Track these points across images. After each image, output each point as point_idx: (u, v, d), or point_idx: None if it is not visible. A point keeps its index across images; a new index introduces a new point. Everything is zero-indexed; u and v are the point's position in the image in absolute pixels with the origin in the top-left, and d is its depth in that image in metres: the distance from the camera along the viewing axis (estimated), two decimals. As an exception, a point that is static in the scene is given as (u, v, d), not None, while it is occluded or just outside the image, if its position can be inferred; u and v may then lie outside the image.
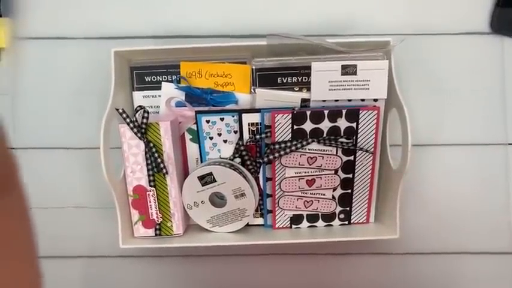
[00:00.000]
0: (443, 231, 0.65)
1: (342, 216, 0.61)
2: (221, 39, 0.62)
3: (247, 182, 0.57)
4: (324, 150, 0.57)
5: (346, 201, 0.60)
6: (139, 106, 0.57)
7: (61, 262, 0.66)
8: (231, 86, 0.58)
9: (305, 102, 0.57)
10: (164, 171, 0.56)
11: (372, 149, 0.58)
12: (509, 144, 0.63)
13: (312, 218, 0.61)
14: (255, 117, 0.57)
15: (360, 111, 0.55)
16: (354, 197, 0.60)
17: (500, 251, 0.65)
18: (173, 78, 0.59)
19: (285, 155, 0.56)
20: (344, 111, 0.55)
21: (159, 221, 0.59)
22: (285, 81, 0.56)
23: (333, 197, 0.60)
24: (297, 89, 0.57)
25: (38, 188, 0.65)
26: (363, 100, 0.56)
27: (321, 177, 0.58)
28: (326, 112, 0.55)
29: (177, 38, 0.63)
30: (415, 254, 0.65)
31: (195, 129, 0.59)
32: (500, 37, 0.62)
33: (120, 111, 0.55)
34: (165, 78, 0.59)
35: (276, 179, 0.58)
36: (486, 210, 0.64)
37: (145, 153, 0.56)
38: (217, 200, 0.59)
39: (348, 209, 0.61)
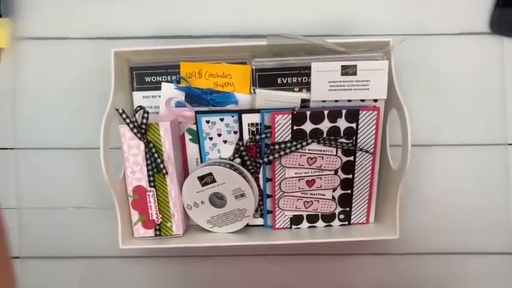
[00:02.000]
0: (443, 231, 0.64)
1: (341, 216, 0.61)
2: (221, 40, 0.62)
3: (247, 182, 0.57)
4: (323, 151, 0.57)
5: (346, 201, 0.60)
6: (139, 106, 0.57)
7: (61, 262, 0.66)
8: (231, 87, 0.58)
9: (305, 102, 0.57)
10: (164, 171, 0.56)
11: (372, 150, 0.58)
12: (509, 144, 0.63)
13: (312, 219, 0.61)
14: (255, 118, 0.57)
15: (360, 112, 0.55)
16: (353, 197, 0.60)
17: (501, 251, 0.65)
18: (173, 78, 0.59)
19: (285, 156, 0.56)
20: (344, 112, 0.55)
21: (159, 221, 0.59)
22: (284, 81, 0.56)
23: (333, 198, 0.60)
24: (297, 89, 0.57)
25: (38, 188, 0.65)
26: (362, 100, 0.56)
27: (320, 178, 0.58)
28: (326, 112, 0.55)
29: (177, 39, 0.63)
30: (415, 254, 0.65)
31: (195, 129, 0.59)
32: (500, 37, 0.62)
33: (120, 111, 0.54)
34: (164, 78, 0.59)
35: (276, 180, 0.58)
36: (486, 210, 0.64)
37: (145, 153, 0.56)
38: (217, 200, 0.59)
39: (347, 209, 0.61)
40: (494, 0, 0.61)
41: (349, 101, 0.56)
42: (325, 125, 0.56)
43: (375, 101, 0.56)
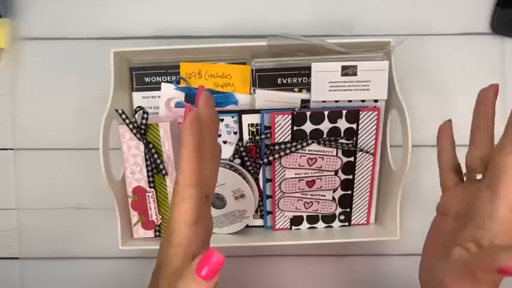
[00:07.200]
0: (444, 232, 0.64)
1: (342, 217, 0.61)
2: (221, 40, 0.62)
3: (247, 183, 0.57)
4: (324, 151, 0.57)
5: (346, 202, 0.60)
6: (139, 107, 0.57)
7: (60, 263, 0.65)
8: (231, 87, 0.58)
9: (305, 103, 0.57)
10: (164, 172, 0.56)
11: (372, 150, 0.57)
12: (510, 145, 0.63)
13: (312, 219, 0.61)
14: (255, 118, 0.57)
15: (360, 112, 0.55)
16: (354, 198, 0.60)
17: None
18: (173, 78, 0.59)
19: (285, 156, 0.56)
20: (344, 112, 0.55)
21: (159, 222, 0.59)
22: (284, 82, 0.56)
23: (333, 198, 0.60)
24: (297, 89, 0.57)
25: (38, 188, 0.64)
26: (363, 101, 0.56)
27: (321, 179, 0.58)
28: (326, 113, 0.55)
29: (177, 39, 0.63)
30: (415, 255, 0.65)
31: (195, 130, 0.59)
32: (501, 37, 0.62)
33: (120, 111, 0.54)
34: (164, 78, 0.59)
35: (276, 180, 0.58)
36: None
37: (145, 154, 0.56)
38: (217, 201, 0.59)
39: (348, 210, 0.61)
40: (495, 1, 0.61)
41: (350, 101, 0.56)
42: (325, 126, 0.55)
43: (375, 101, 0.56)
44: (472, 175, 0.39)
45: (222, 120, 0.58)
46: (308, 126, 0.55)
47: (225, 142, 0.59)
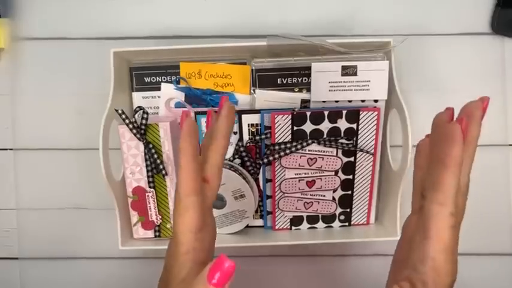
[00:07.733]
0: (444, 232, 0.64)
1: (342, 217, 0.61)
2: (221, 40, 0.62)
3: (247, 183, 0.57)
4: (324, 151, 0.57)
5: (346, 202, 0.60)
6: (139, 107, 0.57)
7: (60, 263, 0.66)
8: (231, 87, 0.58)
9: (305, 103, 0.57)
10: (164, 172, 0.56)
11: (372, 150, 0.57)
12: (509, 145, 0.63)
13: (312, 220, 0.61)
14: (255, 118, 0.57)
15: (360, 112, 0.55)
16: (354, 198, 0.60)
17: (502, 252, 0.64)
18: (173, 79, 0.59)
19: (284, 156, 0.56)
20: (344, 112, 0.55)
21: (159, 222, 0.59)
22: (284, 82, 0.56)
23: (333, 198, 0.60)
24: (297, 89, 0.57)
25: (37, 189, 0.64)
26: (363, 101, 0.56)
27: (321, 179, 0.58)
28: (326, 113, 0.55)
29: (177, 39, 0.63)
30: (415, 255, 0.65)
31: (195, 130, 0.59)
32: (501, 37, 0.62)
33: (120, 111, 0.54)
34: (164, 78, 0.59)
35: (276, 180, 0.58)
36: (487, 210, 0.64)
37: (145, 154, 0.56)
38: (217, 201, 0.59)
39: (348, 210, 0.61)
40: (495, 1, 0.61)
41: (350, 101, 0.56)
42: (325, 126, 0.55)
43: (376, 101, 0.56)
44: None
45: (222, 120, 0.57)
46: (308, 126, 0.55)
47: (225, 142, 0.59)
